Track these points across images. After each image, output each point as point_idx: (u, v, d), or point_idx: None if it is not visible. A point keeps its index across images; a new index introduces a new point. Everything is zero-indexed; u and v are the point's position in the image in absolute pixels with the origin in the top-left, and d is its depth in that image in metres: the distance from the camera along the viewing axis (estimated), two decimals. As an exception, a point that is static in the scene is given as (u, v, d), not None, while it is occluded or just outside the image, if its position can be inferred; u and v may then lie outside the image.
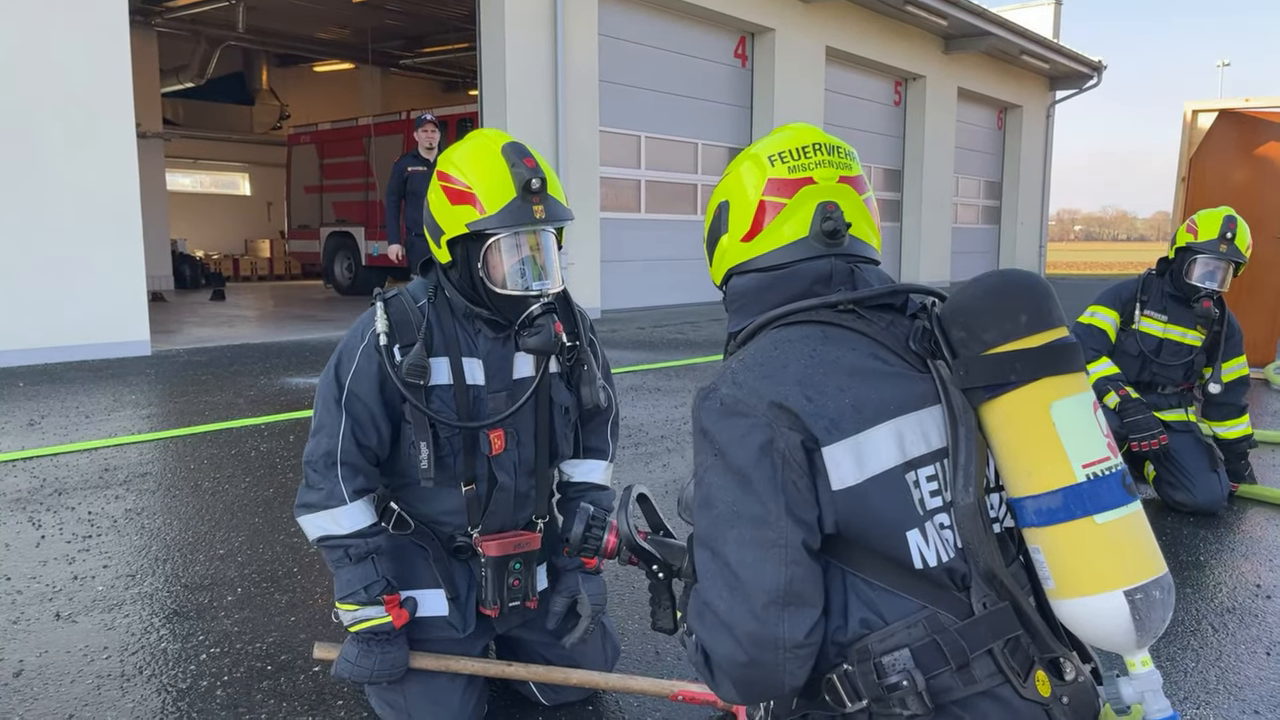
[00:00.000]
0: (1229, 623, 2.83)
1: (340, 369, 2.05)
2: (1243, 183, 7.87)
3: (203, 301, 13.74)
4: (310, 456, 2.02)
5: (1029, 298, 1.26)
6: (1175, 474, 3.92)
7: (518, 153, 1.99)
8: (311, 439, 2.04)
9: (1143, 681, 1.22)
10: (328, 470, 2.00)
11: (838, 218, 1.38)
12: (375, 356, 2.03)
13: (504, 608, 2.13)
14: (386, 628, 2.01)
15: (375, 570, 2.02)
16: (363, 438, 2.03)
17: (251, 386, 6.56)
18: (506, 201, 1.95)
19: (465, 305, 2.07)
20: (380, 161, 13.28)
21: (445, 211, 2.00)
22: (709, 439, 1.30)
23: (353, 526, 2.00)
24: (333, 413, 2.02)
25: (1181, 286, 3.99)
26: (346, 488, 2.00)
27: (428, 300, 2.09)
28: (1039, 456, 1.22)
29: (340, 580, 2.02)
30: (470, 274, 2.03)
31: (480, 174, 1.97)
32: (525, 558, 2.15)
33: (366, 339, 2.05)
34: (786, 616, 1.21)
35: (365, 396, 2.02)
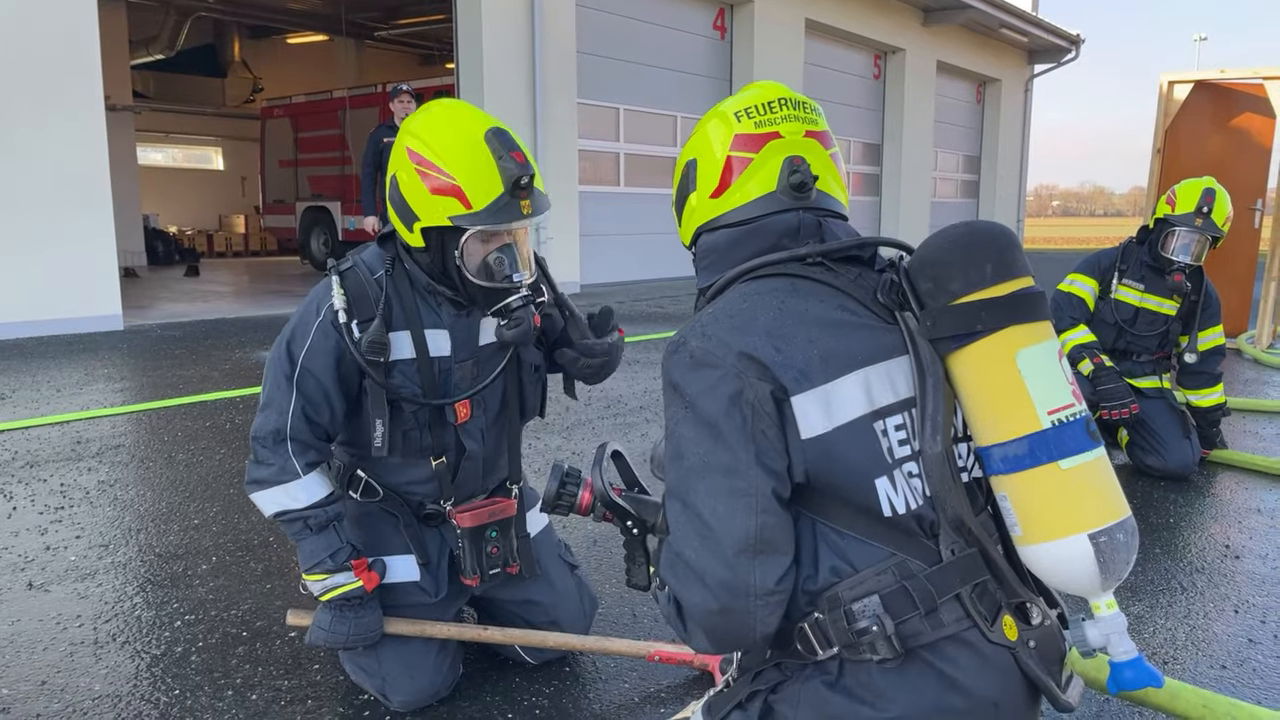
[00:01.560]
0: (1198, 582, 2.88)
1: (293, 344, 1.99)
2: (1217, 154, 7.93)
3: (176, 277, 13.58)
4: (258, 432, 1.97)
5: (994, 248, 1.27)
6: (1148, 439, 3.97)
7: (505, 144, 1.89)
8: (260, 414, 1.99)
9: (1108, 624, 1.24)
10: (276, 446, 1.96)
11: (805, 170, 1.38)
12: (332, 333, 1.97)
13: (484, 576, 2.13)
14: (358, 592, 2.00)
15: (339, 537, 2.00)
16: (314, 415, 1.98)
17: (226, 360, 6.50)
18: (494, 198, 1.87)
19: (428, 282, 2.02)
20: (356, 135, 13.10)
21: (423, 199, 1.90)
22: (679, 392, 1.30)
23: (309, 499, 1.97)
24: (283, 389, 1.97)
25: (1158, 257, 4.01)
26: (298, 462, 1.96)
27: (385, 272, 2.02)
28: (1005, 404, 1.23)
29: (304, 551, 1.99)
30: (444, 261, 1.96)
31: (465, 167, 1.87)
32: (501, 525, 2.14)
33: (322, 314, 1.98)
34: (758, 564, 1.21)
35: (319, 373, 1.97)
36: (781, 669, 1.32)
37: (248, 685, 2.18)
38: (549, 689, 2.18)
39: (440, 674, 2.11)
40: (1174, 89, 7.99)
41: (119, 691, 2.15)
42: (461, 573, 2.13)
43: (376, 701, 2.10)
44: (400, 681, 2.07)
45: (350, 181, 13.19)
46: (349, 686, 2.17)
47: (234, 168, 22.27)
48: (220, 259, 18.96)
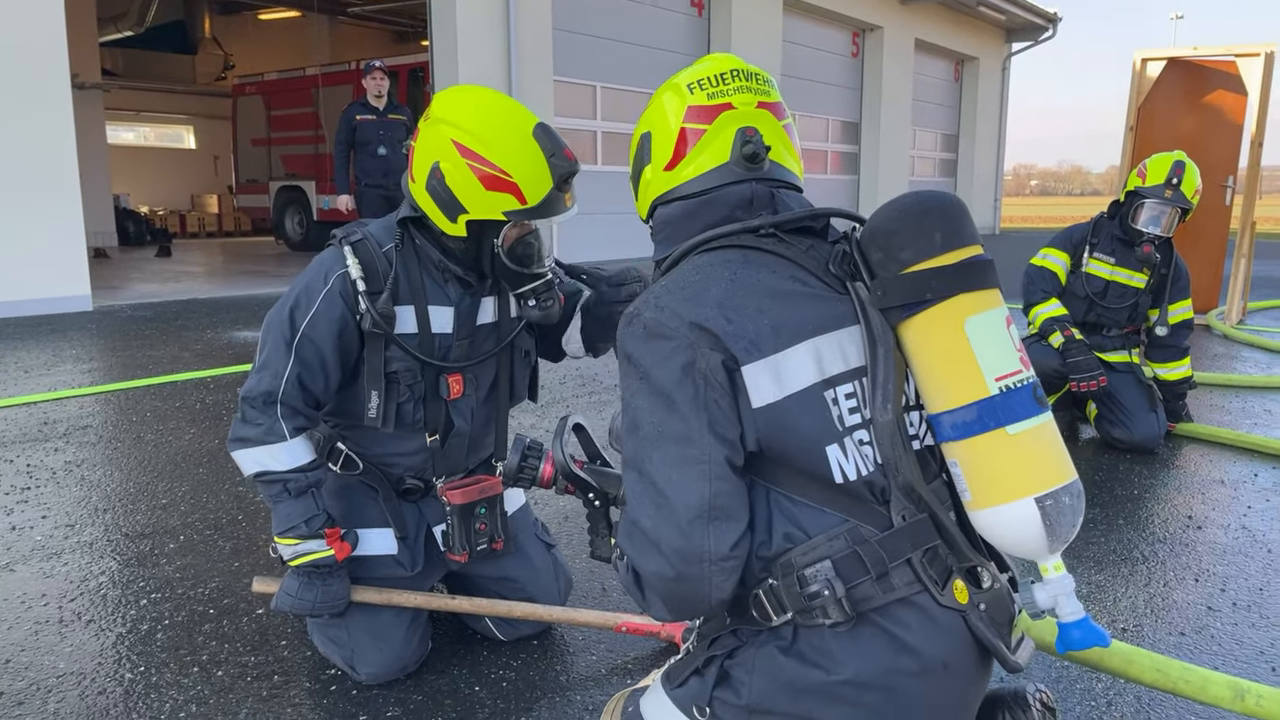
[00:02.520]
0: (1160, 551, 2.93)
1: (297, 311, 1.98)
2: (1189, 131, 7.98)
3: (148, 258, 13.41)
4: (249, 393, 1.97)
5: (943, 217, 1.28)
6: (1115, 412, 4.02)
7: (554, 141, 1.94)
8: (254, 375, 1.99)
9: (1055, 586, 1.26)
10: (266, 408, 1.96)
11: (757, 141, 1.39)
12: (339, 303, 1.97)
13: (472, 553, 2.14)
14: (329, 561, 2.00)
15: (316, 504, 2.00)
16: (309, 382, 1.98)
17: (198, 340, 6.44)
18: (545, 194, 1.93)
19: (439, 259, 2.04)
20: (330, 113, 12.94)
21: (476, 194, 1.91)
22: (633, 363, 1.31)
23: (293, 463, 1.97)
24: (281, 354, 1.96)
25: (1128, 230, 4.05)
26: (286, 425, 1.96)
27: (394, 247, 2.04)
28: (954, 371, 1.25)
29: (279, 514, 1.99)
30: (479, 249, 2.00)
31: (520, 162, 1.90)
32: (489, 502, 2.16)
33: (330, 283, 1.98)
34: (712, 531, 1.22)
35: (320, 342, 1.97)
36: (737, 635, 1.33)
37: (214, 662, 2.17)
38: (516, 662, 2.19)
39: (409, 647, 2.11)
40: (1147, 66, 8.03)
41: (84, 669, 2.14)
42: (449, 549, 2.13)
43: (344, 675, 2.10)
44: (369, 653, 2.07)
45: (324, 160, 13.04)
46: (316, 661, 2.17)
47: (206, 146, 21.97)
48: (193, 239, 18.74)
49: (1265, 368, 5.96)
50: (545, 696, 2.04)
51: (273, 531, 2.01)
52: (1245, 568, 2.79)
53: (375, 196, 7.76)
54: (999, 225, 22.78)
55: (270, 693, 2.04)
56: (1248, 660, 2.25)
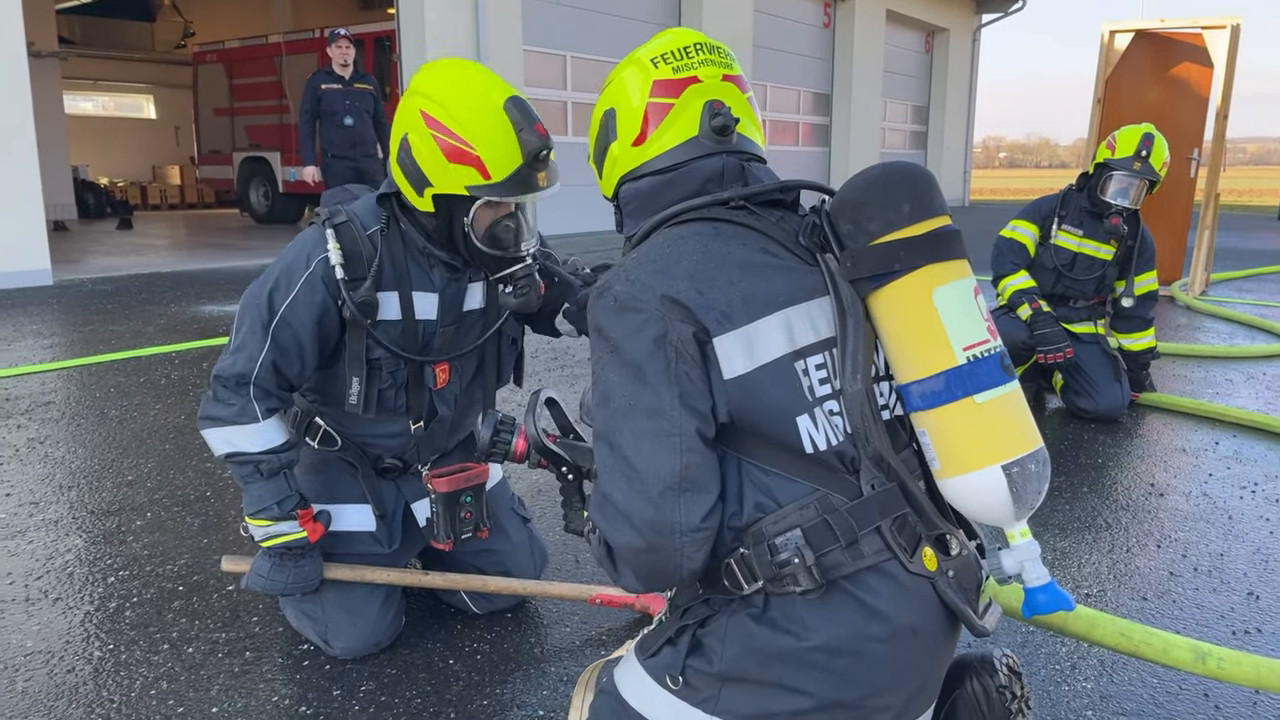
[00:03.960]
0: (1123, 519, 2.98)
1: (275, 294, 1.93)
2: (1156, 103, 8.05)
3: (108, 230, 13.13)
4: (223, 373, 1.93)
5: (911, 187, 1.28)
6: (1081, 382, 4.08)
7: (525, 115, 1.86)
8: (228, 355, 1.94)
9: (1022, 552, 1.28)
10: (239, 389, 1.92)
11: (726, 114, 1.38)
12: (319, 288, 1.92)
13: (457, 541, 2.12)
14: (301, 543, 1.99)
15: (288, 485, 1.98)
16: (284, 366, 1.94)
17: (161, 315, 6.33)
18: (513, 170, 1.84)
19: (424, 244, 1.98)
20: (294, 82, 12.69)
21: (439, 167, 1.85)
22: (604, 336, 1.30)
23: (265, 444, 1.94)
24: (257, 337, 1.92)
25: (1096, 202, 4.09)
26: (259, 406, 1.93)
27: (379, 230, 1.97)
28: (922, 341, 1.26)
29: (250, 495, 1.97)
30: (451, 228, 1.93)
31: (485, 136, 1.82)
32: (475, 490, 2.13)
33: (312, 267, 1.92)
34: (683, 502, 1.22)
35: (299, 327, 1.92)
36: (709, 604, 1.34)
37: (184, 639, 2.16)
38: (490, 635, 2.19)
39: (384, 622, 2.11)
40: (1115, 38, 8.08)
41: (51, 648, 2.11)
42: (434, 537, 2.11)
43: (317, 651, 2.09)
44: (343, 628, 2.06)
45: (289, 131, 12.80)
46: (289, 636, 2.16)
47: (167, 116, 21.48)
48: (155, 211, 18.38)
49: (1227, 338, 6.07)
50: (519, 669, 2.05)
51: (244, 512, 1.99)
52: (1206, 534, 2.86)
53: (342, 168, 7.64)
54: (968, 197, 22.92)
55: (242, 669, 2.03)
56: (1209, 624, 2.30)
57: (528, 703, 1.92)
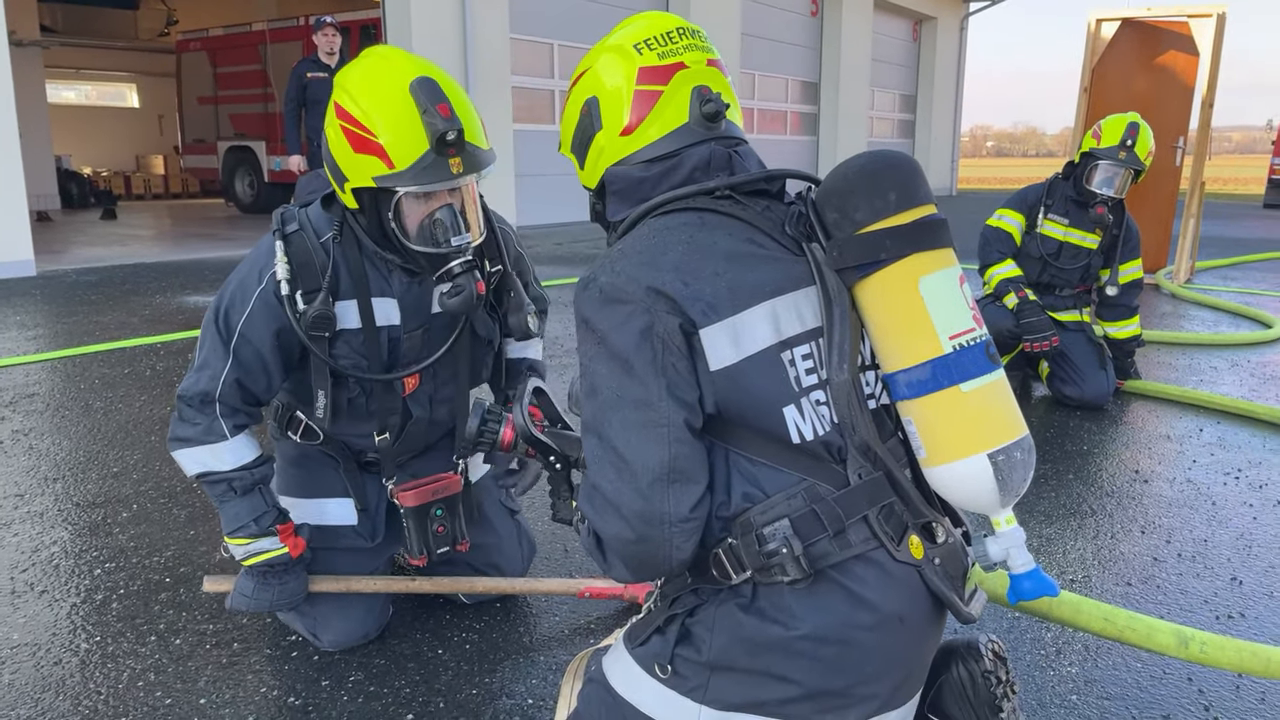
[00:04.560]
0: (1108, 505, 3.01)
1: (231, 311, 1.87)
2: (1142, 92, 8.07)
3: (92, 221, 13.02)
4: (186, 392, 1.88)
5: (897, 176, 1.28)
6: (1067, 370, 4.10)
7: (430, 95, 1.73)
8: (192, 373, 1.90)
9: (1007, 539, 1.28)
10: (203, 407, 1.88)
11: (716, 100, 1.38)
12: (273, 303, 1.85)
13: (431, 556, 2.07)
14: (283, 559, 1.95)
15: (264, 501, 1.93)
16: (248, 382, 1.89)
17: (146, 306, 6.29)
18: (417, 156, 1.73)
19: (374, 248, 1.90)
20: (278, 70, 12.59)
21: (347, 157, 1.76)
22: (590, 328, 1.30)
23: (236, 462, 1.90)
24: (219, 354, 1.87)
25: (1082, 191, 4.10)
26: (226, 424, 1.88)
27: (332, 237, 1.89)
28: (908, 330, 1.26)
29: (227, 514, 1.92)
30: (380, 224, 1.84)
31: (386, 120, 1.73)
32: (448, 502, 2.08)
33: (264, 283, 1.85)
34: (671, 493, 1.22)
35: (258, 343, 1.87)
36: (698, 594, 1.34)
37: (171, 630, 2.15)
38: (479, 624, 2.20)
39: (372, 614, 2.11)
40: (1102, 27, 8.09)
41: (38, 640, 2.10)
42: (409, 553, 2.08)
43: (305, 642, 2.09)
44: (333, 622, 2.06)
45: (274, 120, 12.71)
46: (277, 628, 2.16)
47: (150, 105, 21.28)
48: (139, 201, 18.22)
49: (1211, 325, 6.11)
50: (509, 658, 2.05)
51: (222, 532, 1.96)
52: (1190, 520, 2.88)
53: (327, 164, 7.58)
54: (956, 186, 22.98)
55: (230, 660, 2.03)
56: (1192, 609, 2.32)
57: (516, 691, 1.93)
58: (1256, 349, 5.35)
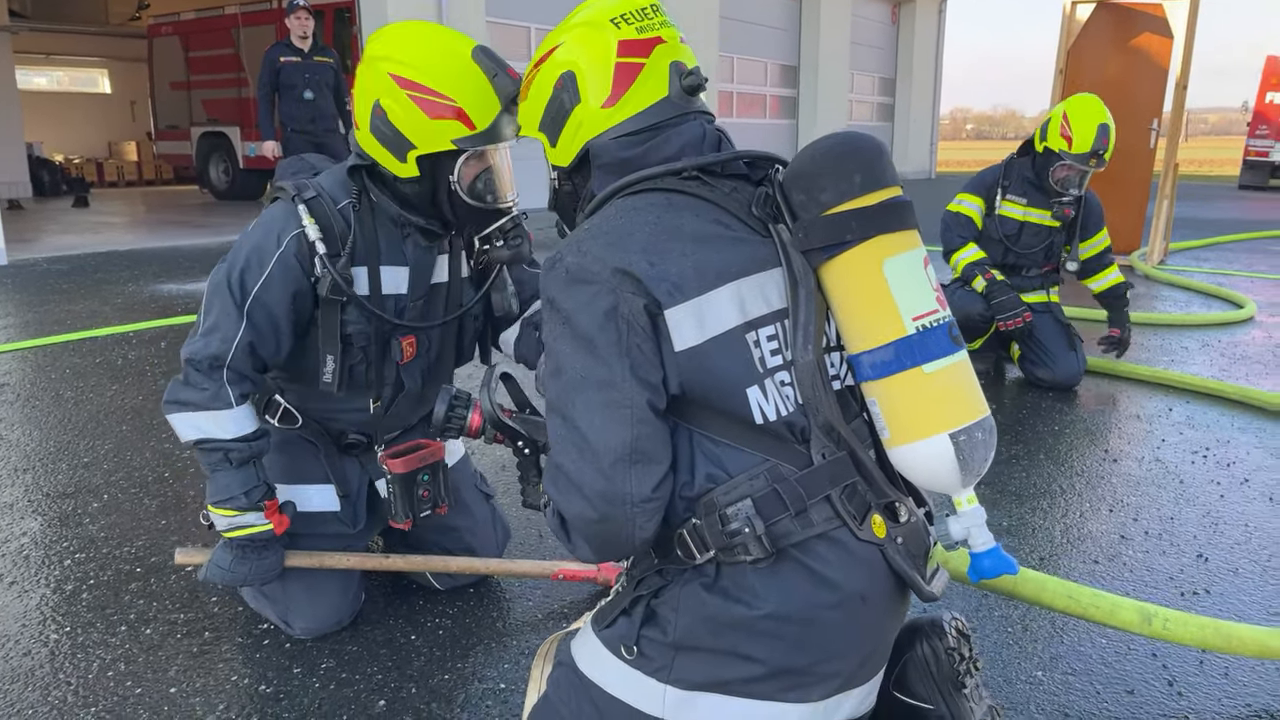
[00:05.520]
0: (1077, 484, 3.04)
1: (247, 274, 1.88)
2: (1117, 75, 8.12)
3: (64, 208, 12.82)
4: (194, 355, 1.87)
5: (862, 158, 1.29)
6: (1037, 352, 4.14)
7: (495, 61, 1.86)
8: (200, 337, 1.88)
9: (968, 518, 1.30)
10: (212, 373, 1.87)
11: (697, 73, 1.39)
12: (294, 266, 1.88)
13: (416, 520, 2.08)
14: (267, 535, 1.95)
15: (257, 475, 1.93)
16: (260, 348, 1.90)
17: (118, 294, 6.22)
18: (495, 116, 1.86)
19: (399, 213, 1.95)
20: (252, 55, 12.41)
21: (420, 125, 1.84)
22: (556, 308, 1.30)
23: (236, 431, 1.90)
24: (232, 318, 1.87)
25: (1042, 177, 4.11)
26: (232, 391, 1.88)
27: (350, 205, 1.94)
28: (872, 312, 1.27)
29: (216, 483, 1.92)
30: (435, 188, 1.91)
31: (462, 86, 1.83)
32: (432, 468, 2.10)
33: (284, 245, 1.88)
34: (634, 473, 1.23)
35: (274, 307, 1.89)
36: (663, 574, 1.35)
37: (141, 620, 2.14)
38: (453, 610, 2.20)
39: (345, 601, 2.11)
40: (1077, 9, 8.12)
41: (6, 631, 2.09)
42: (393, 517, 2.08)
43: (277, 630, 2.09)
44: (304, 609, 2.05)
45: (248, 105, 12.53)
46: (248, 616, 2.15)
47: (122, 91, 20.93)
48: (112, 189, 17.95)
49: (1183, 306, 6.18)
50: (481, 643, 2.06)
51: (207, 500, 1.94)
52: (1157, 498, 2.92)
53: (302, 143, 7.51)
54: (935, 169, 23.04)
55: (201, 649, 2.02)
56: (1158, 586, 2.36)
57: (489, 676, 1.93)
58: (1226, 329, 5.41)
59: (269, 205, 1.99)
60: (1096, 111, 3.99)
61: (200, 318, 1.92)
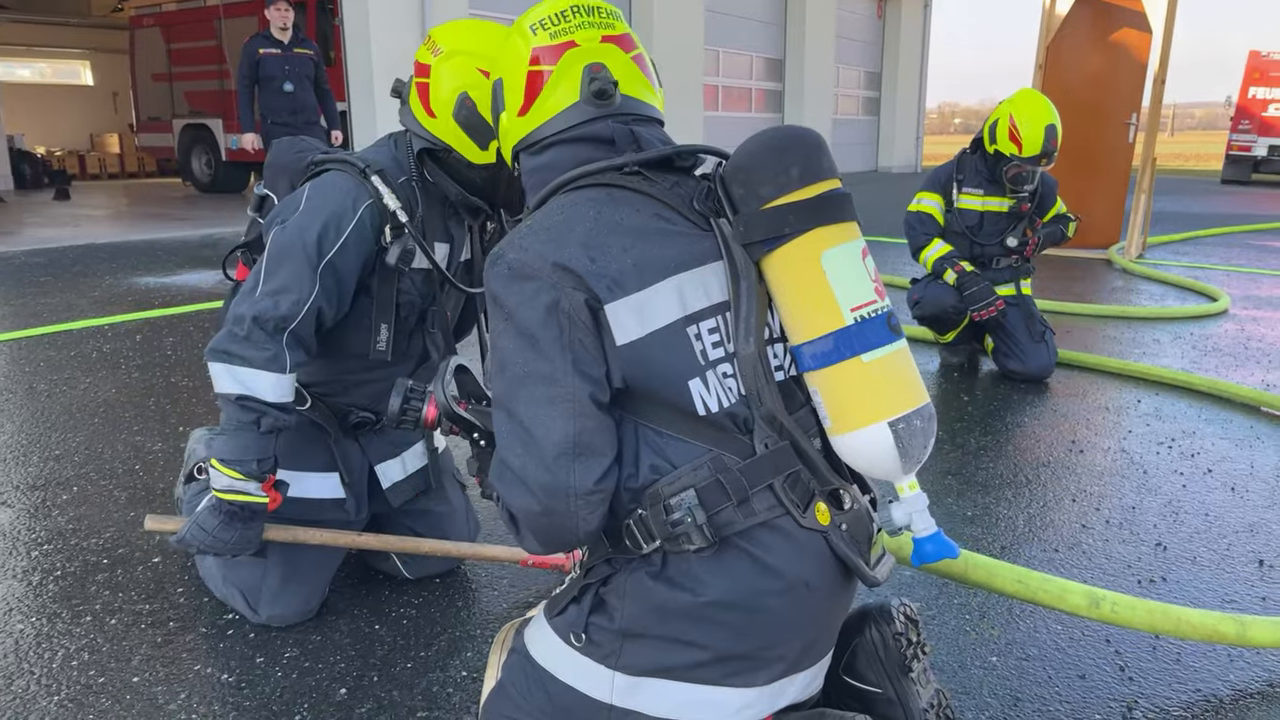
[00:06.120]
0: (1042, 475, 3.08)
1: (324, 238, 1.91)
2: (1096, 69, 8.17)
3: (45, 201, 12.71)
4: (262, 313, 1.87)
5: (800, 152, 1.31)
6: (1008, 345, 4.18)
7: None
8: (268, 296, 1.88)
9: (910, 504, 1.32)
10: (275, 334, 1.88)
11: (603, 77, 1.38)
12: (369, 234, 1.95)
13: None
14: (259, 507, 1.95)
15: (271, 447, 1.94)
16: (325, 313, 1.94)
17: (95, 287, 6.19)
18: None
19: (458, 193, 2.04)
20: (234, 46, 12.30)
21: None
22: (499, 304, 1.32)
23: (280, 397, 1.90)
24: (305, 280, 1.89)
25: (995, 171, 4.15)
26: (290, 356, 1.90)
27: (410, 180, 2.02)
28: (812, 303, 1.29)
29: (233, 443, 1.90)
30: (500, 174, 2.00)
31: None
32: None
33: (360, 213, 1.94)
34: (577, 466, 1.25)
35: (345, 273, 1.94)
36: (612, 563, 1.37)
37: (107, 610, 2.15)
38: (418, 600, 2.22)
39: (314, 591, 2.12)
40: (1056, 4, 8.16)
41: (-30, 623, 2.09)
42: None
43: (241, 621, 2.10)
44: (277, 595, 2.06)
45: (230, 97, 12.38)
46: (214, 606, 2.16)
47: (104, 82, 20.77)
48: (94, 181, 17.81)
49: (1159, 299, 6.23)
50: (445, 632, 2.08)
51: (214, 454, 1.92)
52: (1120, 488, 2.96)
53: (282, 135, 7.46)
54: (921, 163, 23.10)
55: (165, 639, 2.03)
56: (1116, 573, 2.40)
57: (451, 664, 1.95)
58: (1199, 321, 5.47)
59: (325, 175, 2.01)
60: (1043, 112, 4.00)
61: (260, 278, 1.91)
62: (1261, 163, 18.07)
